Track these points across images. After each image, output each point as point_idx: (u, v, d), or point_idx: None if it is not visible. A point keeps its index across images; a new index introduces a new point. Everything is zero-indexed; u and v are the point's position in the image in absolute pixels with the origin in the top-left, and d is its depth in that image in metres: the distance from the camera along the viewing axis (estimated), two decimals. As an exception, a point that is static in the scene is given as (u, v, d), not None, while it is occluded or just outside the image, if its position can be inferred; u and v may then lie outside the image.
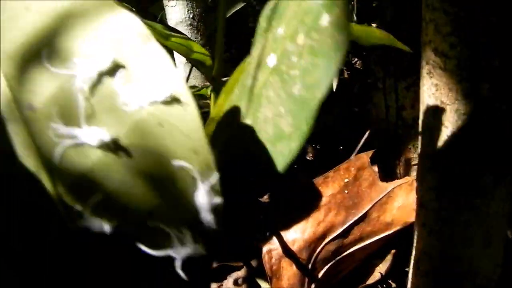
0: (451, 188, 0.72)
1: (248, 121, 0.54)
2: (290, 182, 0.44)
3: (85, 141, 0.45)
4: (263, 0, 0.60)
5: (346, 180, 1.01)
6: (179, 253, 0.43)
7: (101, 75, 0.46)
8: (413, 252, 0.82)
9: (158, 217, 0.44)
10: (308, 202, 0.81)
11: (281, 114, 0.50)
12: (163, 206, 0.44)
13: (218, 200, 0.43)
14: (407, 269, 0.97)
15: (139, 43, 0.46)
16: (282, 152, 0.49)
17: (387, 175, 1.07)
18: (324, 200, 1.00)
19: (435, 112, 0.72)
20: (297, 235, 1.01)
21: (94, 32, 0.46)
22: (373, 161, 1.04)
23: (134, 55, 0.46)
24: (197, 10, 1.14)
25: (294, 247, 0.99)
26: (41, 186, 0.45)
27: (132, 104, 0.45)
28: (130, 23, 0.46)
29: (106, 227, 0.43)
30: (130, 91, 0.45)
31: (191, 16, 1.19)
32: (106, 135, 0.43)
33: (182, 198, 0.44)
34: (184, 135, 0.44)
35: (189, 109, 0.45)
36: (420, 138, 0.75)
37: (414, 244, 0.81)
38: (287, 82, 0.49)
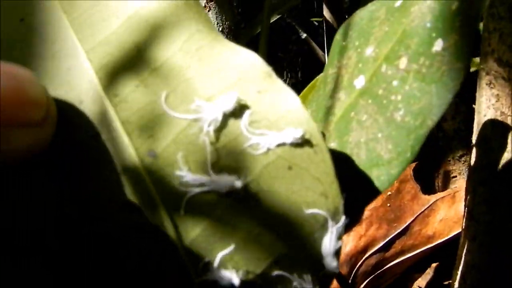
0: (506, 201, 0.70)
1: (332, 144, 0.52)
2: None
3: (214, 189, 0.43)
4: (293, 14, 0.58)
5: (388, 193, 1.01)
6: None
7: (226, 117, 0.44)
8: (460, 266, 0.80)
9: (283, 265, 0.43)
10: (350, 216, 0.82)
11: (378, 140, 0.48)
12: (289, 253, 0.43)
13: (340, 243, 0.42)
14: (445, 283, 0.96)
15: (263, 80, 0.44)
16: (378, 178, 0.48)
17: (426, 187, 1.07)
18: (366, 213, 1.00)
19: (494, 124, 0.70)
20: None
21: (213, 67, 0.44)
22: (414, 173, 1.03)
23: (259, 93, 0.44)
24: (226, 23, 1.12)
25: None
26: (163, 239, 0.43)
27: (260, 147, 0.44)
28: (251, 59, 0.44)
29: (235, 279, 0.41)
30: (257, 134, 0.43)
31: (220, 29, 1.16)
32: (236, 183, 0.42)
33: (309, 244, 0.42)
34: (315, 178, 0.43)
35: (320, 150, 0.43)
36: (474, 149, 0.73)
37: (462, 258, 0.79)
38: (386, 107, 0.48)
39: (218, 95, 0.44)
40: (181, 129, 0.44)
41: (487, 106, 0.69)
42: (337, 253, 0.41)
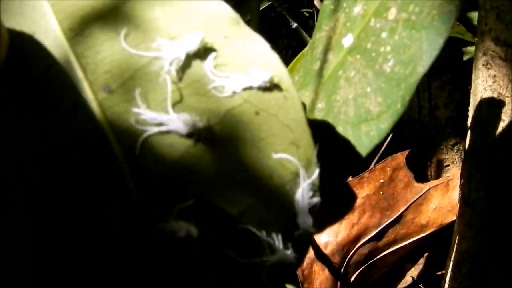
0: (504, 185, 0.68)
1: (319, 105, 0.49)
2: (323, 183, 0.40)
3: (174, 128, 0.40)
4: (283, 4, 0.56)
5: (381, 180, 0.98)
6: (267, 262, 0.39)
7: (190, 58, 0.41)
8: (453, 254, 0.77)
9: (250, 219, 0.39)
10: (342, 204, 0.77)
11: (367, 94, 0.45)
12: (257, 205, 0.39)
13: (316, 199, 0.39)
14: (439, 273, 0.92)
15: (231, 26, 0.41)
16: (367, 133, 0.46)
17: (419, 177, 1.04)
18: (358, 201, 0.97)
19: (491, 105, 0.68)
20: (330, 238, 0.97)
21: (180, 10, 0.42)
22: (407, 162, 1.00)
23: (225, 37, 0.41)
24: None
25: (327, 251, 0.95)
26: (115, 179, 0.40)
27: (225, 90, 0.41)
28: (218, 5, 0.42)
29: (194, 232, 0.38)
30: (222, 76, 0.40)
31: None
32: (198, 123, 0.39)
33: (279, 197, 0.39)
34: (284, 125, 0.40)
35: (290, 97, 0.40)
36: (468, 133, 0.71)
37: (455, 246, 0.76)
38: (374, 60, 0.46)
39: (182, 35, 0.41)
40: (140, 66, 0.41)
41: (484, 87, 0.67)
42: (312, 210, 0.38)
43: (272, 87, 0.40)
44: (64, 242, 0.38)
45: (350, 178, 0.98)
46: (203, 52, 0.41)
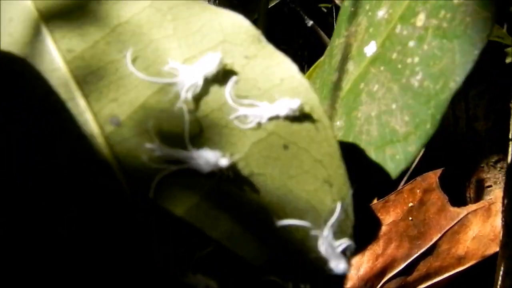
0: None
1: (338, 123, 0.47)
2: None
3: (193, 167, 0.37)
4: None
5: (410, 204, 0.86)
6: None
7: (208, 83, 0.39)
8: None
9: (275, 269, 0.37)
10: (364, 232, 0.67)
11: (392, 112, 0.43)
12: (284, 254, 0.37)
13: (349, 242, 0.37)
14: None
15: (251, 44, 0.39)
16: (393, 157, 0.43)
17: (455, 199, 0.92)
18: (383, 229, 0.85)
19: None
20: (351, 271, 0.86)
21: (192, 26, 0.40)
22: (440, 182, 0.89)
23: (246, 58, 0.39)
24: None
25: (347, 286, 0.85)
26: (124, 226, 0.38)
27: (249, 121, 0.38)
28: (236, 20, 0.39)
29: (213, 286, 0.36)
30: (245, 104, 0.38)
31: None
32: (221, 160, 0.37)
33: (309, 243, 0.37)
34: (316, 161, 0.38)
35: (322, 127, 0.38)
36: (511, 148, 0.65)
37: (499, 283, 0.71)
38: (401, 72, 0.43)
39: (198, 57, 0.39)
40: (152, 93, 0.39)
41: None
42: (346, 254, 0.36)
43: (302, 116, 0.38)
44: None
45: (374, 201, 0.84)
46: (222, 76, 0.38)
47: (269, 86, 0.38)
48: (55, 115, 0.37)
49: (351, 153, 0.42)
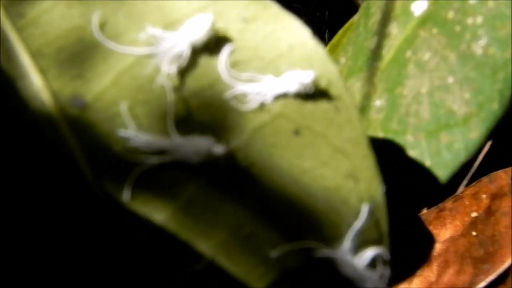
0: None
1: (378, 102, 0.40)
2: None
3: (181, 158, 0.30)
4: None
5: (473, 214, 0.67)
6: None
7: (196, 53, 0.32)
8: None
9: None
10: (412, 252, 0.54)
11: (448, 87, 0.36)
12: (289, 279, 0.30)
13: (386, 269, 0.30)
14: None
15: (250, 4, 0.32)
16: (450, 146, 0.36)
17: None
18: (438, 247, 0.66)
19: None
20: None
21: None
22: None
23: (244, 21, 0.32)
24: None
25: None
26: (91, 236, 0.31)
27: (249, 100, 0.31)
28: None
29: None
30: (244, 79, 0.31)
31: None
32: (215, 148, 0.30)
33: (328, 258, 0.30)
34: (336, 150, 0.31)
35: (344, 107, 0.31)
36: None
37: None
38: (459, 36, 0.36)
39: (183, 20, 0.32)
40: (125, 67, 0.32)
41: None
42: (383, 279, 0.30)
43: (317, 93, 0.31)
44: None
45: (424, 211, 0.66)
46: (215, 43, 0.32)
47: (274, 55, 0.32)
48: (1, 97, 0.31)
49: (391, 143, 0.36)
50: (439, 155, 0.35)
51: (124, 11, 0.32)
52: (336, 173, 0.31)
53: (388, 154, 0.32)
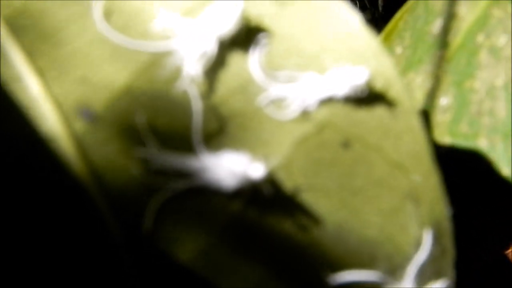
0: None
1: (444, 100, 0.35)
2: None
3: (209, 182, 0.26)
4: None
5: None
6: None
7: (225, 47, 0.27)
8: None
9: None
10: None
11: None
12: None
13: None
14: None
15: None
16: None
17: None
18: None
19: None
20: None
21: None
22: None
23: (280, 6, 0.28)
24: None
25: None
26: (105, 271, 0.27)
27: (288, 106, 0.27)
28: None
29: None
30: (282, 79, 0.27)
31: None
32: (251, 169, 0.26)
33: None
34: (394, 166, 0.27)
35: (403, 114, 0.27)
36: None
37: None
38: None
39: (205, 5, 0.28)
40: (139, 68, 0.27)
41: None
42: None
43: (370, 96, 0.27)
44: None
45: None
46: (245, 35, 0.27)
47: (317, 48, 0.28)
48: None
49: (461, 149, 0.32)
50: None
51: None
52: (393, 193, 0.27)
53: (456, 164, 0.28)
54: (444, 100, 0.35)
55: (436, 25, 0.37)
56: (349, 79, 0.27)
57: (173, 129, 0.27)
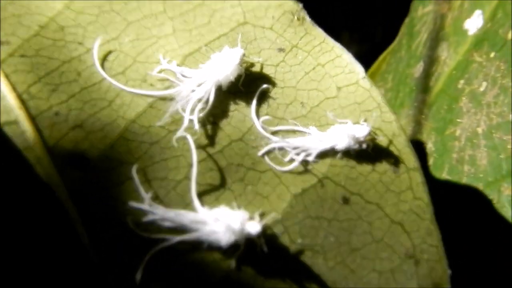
0: None
1: (427, 145, 0.34)
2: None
3: (206, 237, 0.25)
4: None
5: None
6: None
7: (224, 96, 0.27)
8: None
9: None
10: None
11: (510, 125, 0.31)
12: None
13: None
14: None
15: (288, 27, 0.28)
16: None
17: None
18: None
19: None
20: None
21: (188, 8, 0.28)
22: None
23: (281, 52, 0.28)
24: None
25: None
26: None
27: (289, 158, 0.27)
28: None
29: None
30: (283, 130, 0.27)
31: None
32: (251, 226, 0.25)
33: None
34: (394, 223, 0.26)
35: (405, 167, 0.27)
36: None
37: None
38: None
39: (208, 52, 0.28)
40: (137, 113, 0.27)
41: None
42: None
43: (374, 151, 0.27)
44: None
45: None
46: (247, 84, 0.27)
47: (319, 101, 0.28)
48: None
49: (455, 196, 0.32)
50: (502, 209, 0.30)
51: (131, 38, 0.28)
52: (393, 252, 0.27)
53: (448, 212, 0.27)
54: (426, 146, 0.35)
55: (418, 69, 0.36)
56: (351, 133, 0.27)
57: (168, 181, 0.27)
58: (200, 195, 0.26)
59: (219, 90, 0.27)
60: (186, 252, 0.26)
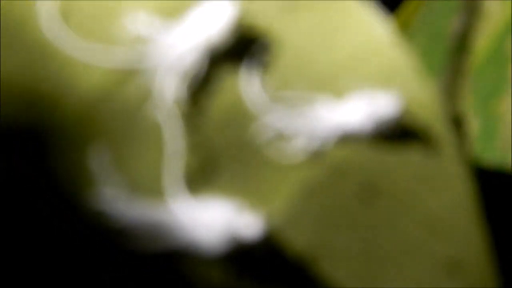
0: None
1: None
2: None
3: (189, 242, 0.21)
4: None
5: None
6: None
7: (213, 62, 0.23)
8: None
9: None
10: None
11: None
12: None
13: None
14: None
15: None
16: None
17: None
18: None
19: None
20: None
21: None
22: None
23: (281, 12, 0.24)
24: None
25: None
26: None
27: (296, 142, 0.23)
28: None
29: None
30: (285, 103, 0.23)
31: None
32: (245, 220, 0.21)
33: None
34: (427, 226, 0.22)
35: (445, 160, 0.23)
36: None
37: None
38: None
39: (190, 8, 0.24)
40: (103, 85, 0.23)
41: None
42: None
43: (403, 135, 0.23)
44: None
45: None
46: (243, 47, 0.23)
47: (333, 65, 0.24)
48: None
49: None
50: None
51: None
52: (426, 262, 0.23)
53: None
54: (467, 125, 0.32)
55: (457, 22, 0.33)
56: (374, 108, 0.23)
57: (144, 165, 0.23)
58: (181, 188, 0.22)
59: (206, 55, 0.23)
60: (164, 261, 0.22)
